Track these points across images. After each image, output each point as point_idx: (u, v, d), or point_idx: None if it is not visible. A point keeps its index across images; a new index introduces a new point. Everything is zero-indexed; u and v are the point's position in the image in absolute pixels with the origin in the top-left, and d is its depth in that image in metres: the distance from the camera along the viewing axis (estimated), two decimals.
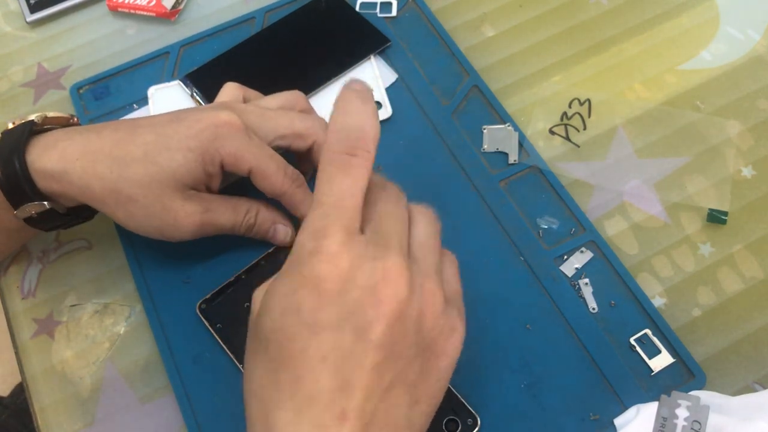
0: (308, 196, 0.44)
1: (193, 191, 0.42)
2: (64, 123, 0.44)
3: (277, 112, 0.45)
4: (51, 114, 0.44)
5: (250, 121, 0.43)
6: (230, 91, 0.48)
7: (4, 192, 0.41)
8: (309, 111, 0.48)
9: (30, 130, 0.41)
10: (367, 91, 0.33)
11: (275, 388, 0.30)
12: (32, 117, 0.43)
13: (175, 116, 0.42)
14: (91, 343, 0.46)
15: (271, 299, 0.31)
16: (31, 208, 0.42)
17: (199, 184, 0.43)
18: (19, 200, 0.41)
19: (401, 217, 0.33)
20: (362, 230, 0.32)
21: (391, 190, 0.35)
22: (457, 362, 0.33)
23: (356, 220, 0.31)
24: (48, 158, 0.40)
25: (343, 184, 0.31)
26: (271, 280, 0.32)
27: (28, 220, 0.42)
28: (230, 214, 0.44)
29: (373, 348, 0.29)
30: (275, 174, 0.42)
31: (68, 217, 0.44)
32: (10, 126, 0.42)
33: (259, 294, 0.34)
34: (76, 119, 0.45)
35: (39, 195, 0.41)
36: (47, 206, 0.42)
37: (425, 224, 0.35)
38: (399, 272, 0.30)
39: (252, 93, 0.49)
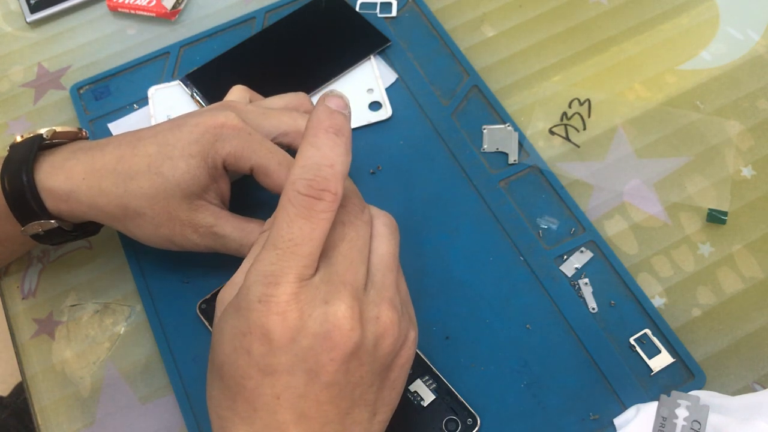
0: None
1: (203, 202, 0.42)
2: (72, 137, 0.44)
3: (279, 111, 0.45)
4: (59, 129, 0.43)
5: (251, 119, 0.43)
6: (237, 93, 0.48)
7: (12, 208, 0.41)
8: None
9: (38, 146, 0.41)
10: (343, 116, 0.31)
11: (233, 413, 0.31)
12: (41, 131, 0.42)
13: (175, 123, 0.42)
14: (91, 343, 0.46)
15: (222, 332, 0.31)
16: (39, 226, 0.42)
17: (208, 191, 0.42)
18: (27, 217, 0.41)
19: (360, 246, 0.32)
20: (318, 269, 0.31)
21: (353, 214, 0.33)
22: (410, 365, 0.34)
23: (312, 266, 0.30)
24: (55, 178, 0.40)
25: (303, 229, 0.30)
26: (227, 305, 0.32)
27: (35, 237, 0.43)
28: (238, 233, 0.42)
29: (326, 387, 0.30)
30: (277, 170, 0.41)
31: (74, 234, 0.44)
32: (18, 139, 0.42)
33: (221, 297, 0.33)
34: (84, 133, 0.45)
35: (46, 214, 0.41)
36: (54, 225, 0.42)
37: (386, 239, 0.34)
38: (351, 317, 0.30)
39: (258, 96, 0.49)
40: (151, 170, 0.40)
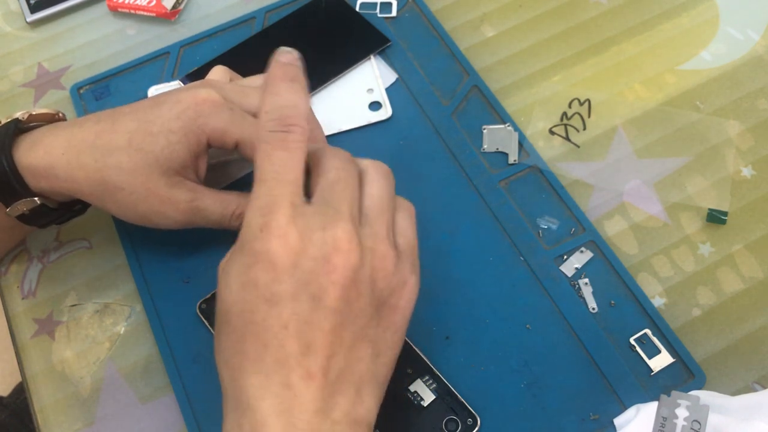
0: None
1: (180, 178, 0.42)
2: (49, 119, 0.44)
3: (257, 88, 0.45)
4: (36, 111, 0.44)
5: (231, 96, 0.43)
6: (217, 73, 0.48)
7: None
8: None
9: (15, 128, 0.42)
10: (295, 67, 0.35)
11: (243, 356, 0.31)
12: (17, 115, 0.43)
13: (156, 101, 0.42)
14: (92, 343, 0.46)
15: (228, 275, 0.32)
16: (23, 206, 0.42)
17: (186, 168, 0.42)
18: (10, 198, 0.41)
19: (350, 182, 0.34)
20: (311, 200, 0.33)
21: (338, 156, 0.35)
22: (411, 312, 0.35)
23: (300, 192, 0.32)
24: (34, 155, 0.41)
25: (281, 159, 0.32)
26: (230, 253, 0.33)
27: (21, 218, 0.43)
28: (218, 205, 0.43)
29: (330, 313, 0.31)
30: None
31: (60, 212, 0.44)
32: None
33: (222, 266, 0.34)
34: (61, 115, 0.45)
35: (29, 192, 0.41)
36: (38, 202, 0.42)
37: (378, 183, 0.35)
38: (349, 240, 0.31)
39: (239, 77, 0.49)
40: (131, 146, 0.41)
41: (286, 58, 0.35)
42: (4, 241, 0.48)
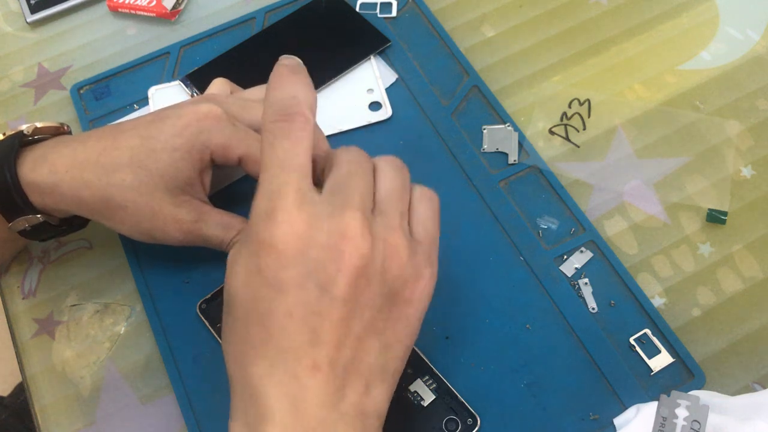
0: None
1: (186, 197, 0.42)
2: (54, 132, 0.44)
3: (259, 102, 0.45)
4: (41, 124, 0.43)
5: (232, 111, 0.43)
6: (218, 86, 0.48)
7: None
8: None
9: (20, 142, 0.41)
10: (297, 65, 0.34)
11: (248, 345, 0.31)
12: (22, 128, 0.42)
13: (158, 116, 0.42)
14: (92, 343, 0.46)
15: (235, 263, 0.32)
16: (25, 222, 0.42)
17: (192, 185, 0.42)
18: (13, 214, 0.41)
19: (362, 174, 0.34)
20: (322, 192, 0.32)
21: (352, 152, 0.35)
22: (426, 305, 0.34)
23: (307, 180, 0.32)
24: (39, 173, 0.40)
25: (284, 147, 0.32)
26: (239, 243, 0.33)
27: (22, 233, 0.43)
28: (220, 230, 0.43)
29: (338, 302, 0.30)
30: None
31: (61, 228, 0.44)
32: (0, 137, 0.42)
33: (230, 256, 0.34)
34: (66, 127, 0.45)
35: (31, 208, 0.41)
36: (40, 219, 0.42)
37: (390, 174, 0.35)
38: (358, 228, 0.31)
39: (239, 89, 0.49)
40: (133, 162, 0.40)
41: (289, 62, 0.35)
42: (4, 251, 0.48)
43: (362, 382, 0.31)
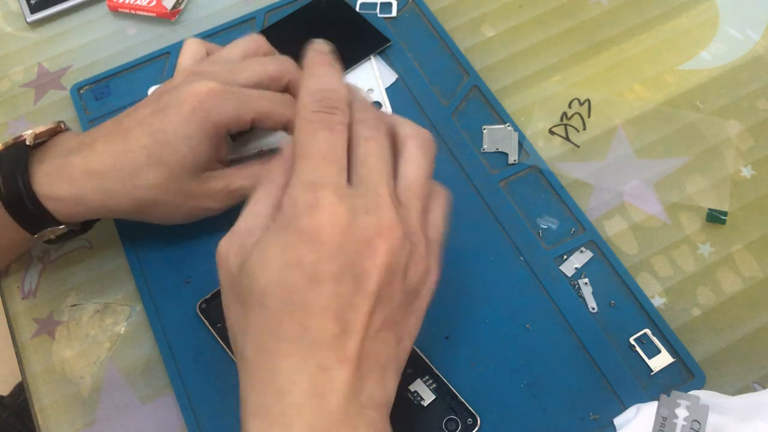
0: None
1: (208, 172, 0.43)
2: (52, 133, 0.44)
3: (246, 62, 0.44)
4: (39, 129, 0.43)
5: (226, 78, 0.43)
6: (192, 47, 0.47)
7: (20, 223, 0.41)
8: (271, 52, 0.47)
9: (26, 155, 0.41)
10: (333, 55, 0.36)
11: (278, 338, 0.31)
12: (26, 138, 0.42)
13: (156, 106, 0.42)
14: (92, 343, 0.46)
15: (267, 255, 0.31)
16: (50, 233, 0.43)
17: (210, 161, 0.43)
18: (36, 227, 0.42)
19: (381, 155, 0.34)
20: (348, 179, 0.32)
21: (367, 123, 0.34)
22: (431, 300, 0.35)
23: (344, 173, 0.32)
24: (59, 187, 0.41)
25: (327, 138, 0.32)
26: (264, 232, 0.32)
27: (48, 241, 0.44)
28: (250, 180, 0.44)
29: (369, 296, 0.31)
30: (274, 109, 0.42)
31: (83, 229, 0.46)
32: None
33: (228, 246, 0.34)
34: (63, 126, 0.45)
35: (54, 220, 0.42)
36: (65, 230, 0.43)
37: (416, 162, 0.35)
38: (393, 228, 0.31)
39: (214, 46, 0.48)
40: (152, 161, 0.41)
41: (322, 48, 0.36)
42: (11, 254, 0.48)
43: (379, 373, 0.32)
